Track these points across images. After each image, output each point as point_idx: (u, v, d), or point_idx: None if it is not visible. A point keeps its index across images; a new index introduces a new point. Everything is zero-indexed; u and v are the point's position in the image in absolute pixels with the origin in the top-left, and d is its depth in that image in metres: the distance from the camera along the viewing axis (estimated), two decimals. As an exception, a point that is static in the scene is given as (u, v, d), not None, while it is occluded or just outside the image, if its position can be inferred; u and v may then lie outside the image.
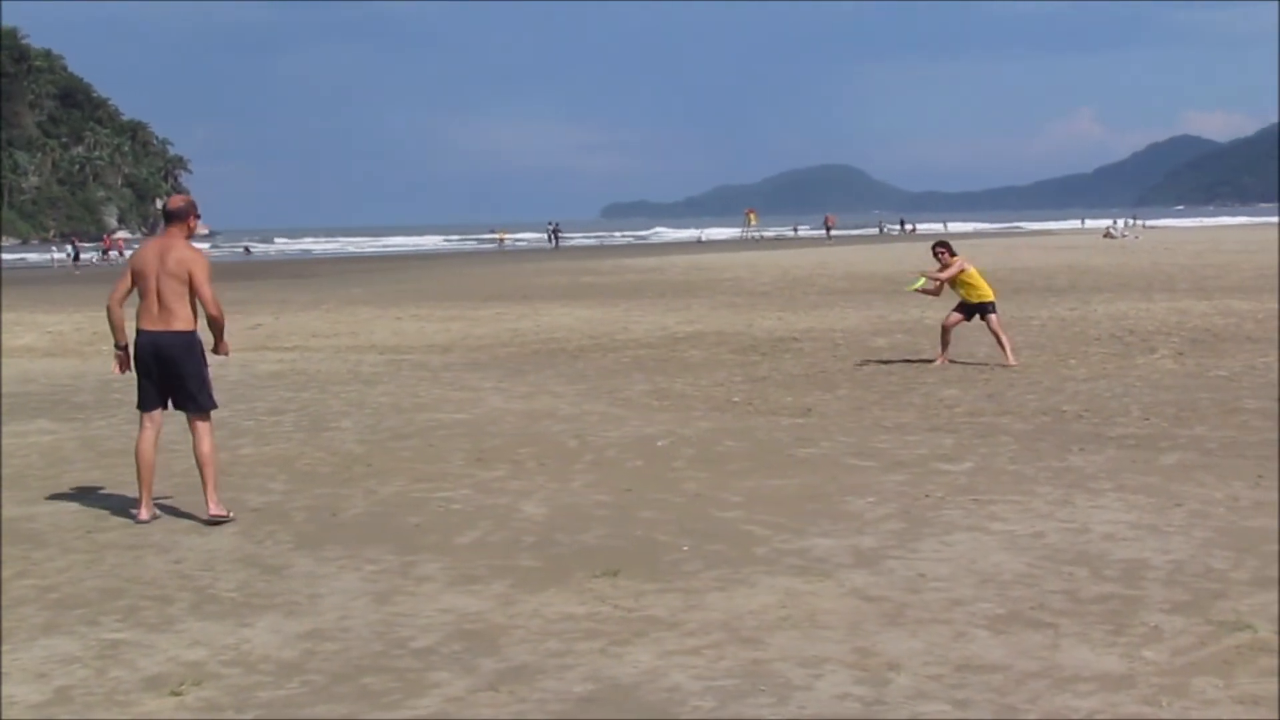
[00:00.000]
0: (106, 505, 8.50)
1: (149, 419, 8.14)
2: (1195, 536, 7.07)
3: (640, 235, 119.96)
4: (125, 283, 8.14)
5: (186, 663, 5.40)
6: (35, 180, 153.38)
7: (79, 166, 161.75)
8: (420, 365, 16.41)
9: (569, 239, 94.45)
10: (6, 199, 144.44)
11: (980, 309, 15.28)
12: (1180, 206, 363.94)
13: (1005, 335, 15.25)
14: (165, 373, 8.02)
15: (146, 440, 8.10)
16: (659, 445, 10.22)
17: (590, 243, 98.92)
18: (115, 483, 9.15)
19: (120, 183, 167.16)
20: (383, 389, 14.09)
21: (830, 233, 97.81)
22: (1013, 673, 5.05)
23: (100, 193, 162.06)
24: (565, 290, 33.19)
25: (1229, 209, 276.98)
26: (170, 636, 5.77)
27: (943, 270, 15.36)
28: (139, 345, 8.03)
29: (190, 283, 7.91)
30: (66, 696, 5.06)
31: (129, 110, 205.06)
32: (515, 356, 17.24)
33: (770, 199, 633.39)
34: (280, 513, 8.20)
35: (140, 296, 8.05)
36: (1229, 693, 4.80)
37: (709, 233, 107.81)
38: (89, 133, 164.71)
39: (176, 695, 5.02)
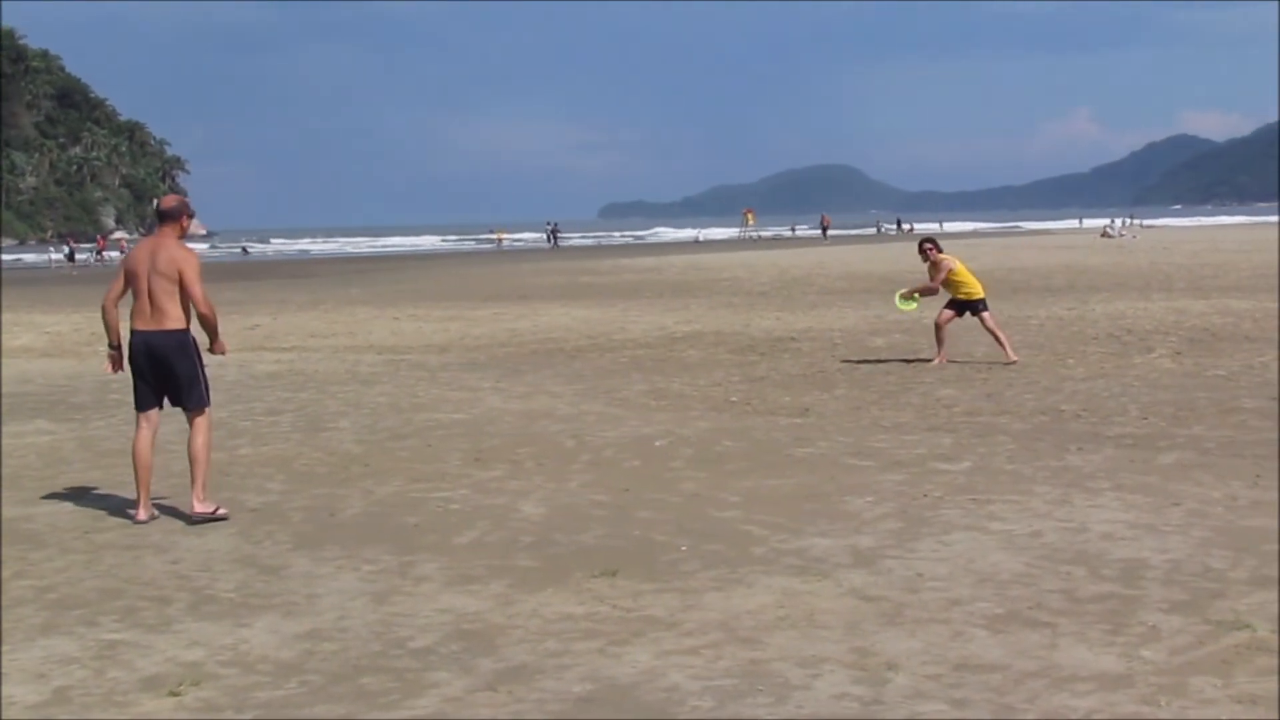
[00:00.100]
0: (104, 506, 8.50)
1: (145, 419, 8.15)
2: (1193, 536, 7.06)
3: (638, 235, 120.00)
4: (119, 283, 8.16)
5: (185, 663, 5.40)
6: (33, 181, 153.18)
7: (76, 167, 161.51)
8: (418, 365, 16.41)
9: (567, 239, 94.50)
10: (4, 200, 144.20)
11: (971, 307, 15.27)
12: (1177, 206, 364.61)
13: (1002, 332, 15.26)
14: (159, 372, 8.03)
15: (143, 440, 8.10)
16: (657, 445, 10.22)
17: (588, 243, 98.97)
18: (113, 483, 9.14)
19: (118, 183, 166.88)
20: (380, 389, 14.09)
21: (826, 233, 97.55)
22: (1011, 672, 5.05)
23: (98, 193, 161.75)
24: (563, 290, 33.18)
25: (1226, 208, 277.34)
26: (168, 637, 5.76)
27: (934, 277, 15.36)
28: (132, 345, 8.05)
29: (180, 281, 7.92)
30: (65, 697, 5.06)
31: (126, 110, 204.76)
32: (513, 356, 17.23)
33: (768, 199, 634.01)
34: (278, 513, 8.19)
35: (133, 296, 8.06)
36: (1227, 692, 4.79)
37: (707, 233, 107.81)
38: (86, 133, 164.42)
39: (175, 695, 5.02)
